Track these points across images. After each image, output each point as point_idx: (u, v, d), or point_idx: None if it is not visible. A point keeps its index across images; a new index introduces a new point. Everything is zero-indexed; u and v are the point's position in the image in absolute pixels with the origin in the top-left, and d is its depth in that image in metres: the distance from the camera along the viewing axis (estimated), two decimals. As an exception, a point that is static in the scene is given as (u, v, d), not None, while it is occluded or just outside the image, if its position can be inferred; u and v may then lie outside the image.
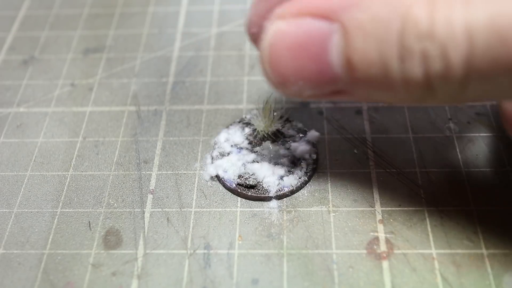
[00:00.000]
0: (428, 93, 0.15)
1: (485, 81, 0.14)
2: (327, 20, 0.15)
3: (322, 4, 0.15)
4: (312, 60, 0.15)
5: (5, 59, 0.32)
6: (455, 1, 0.13)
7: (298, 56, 0.16)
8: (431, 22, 0.14)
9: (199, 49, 0.32)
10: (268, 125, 0.25)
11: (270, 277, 0.21)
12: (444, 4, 0.14)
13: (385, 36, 0.14)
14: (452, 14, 0.13)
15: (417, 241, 0.22)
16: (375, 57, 0.14)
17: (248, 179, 0.24)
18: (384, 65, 0.15)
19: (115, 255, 0.22)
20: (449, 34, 0.13)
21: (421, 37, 0.14)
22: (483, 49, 0.13)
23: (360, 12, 0.14)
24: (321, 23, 0.15)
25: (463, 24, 0.13)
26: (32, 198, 0.25)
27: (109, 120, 0.28)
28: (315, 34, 0.15)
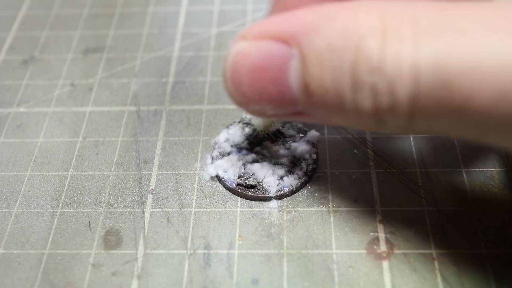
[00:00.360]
0: (378, 124, 0.15)
1: (431, 119, 0.14)
2: (287, 45, 0.15)
3: (282, 28, 0.15)
4: (272, 82, 0.16)
5: (5, 59, 0.32)
6: (406, 36, 0.14)
7: (258, 78, 0.16)
8: (381, 57, 0.14)
9: (199, 49, 0.32)
10: (268, 125, 0.25)
11: (270, 277, 0.21)
12: (395, 38, 0.14)
13: (339, 65, 0.14)
14: (401, 50, 0.13)
15: (417, 241, 0.22)
16: (330, 85, 0.15)
17: (248, 179, 0.24)
18: (338, 94, 0.15)
19: (115, 255, 0.22)
20: (397, 71, 0.14)
21: (371, 71, 0.14)
22: (427, 90, 0.13)
23: (317, 38, 0.15)
24: (281, 47, 0.15)
25: (410, 62, 0.13)
26: (32, 198, 0.25)
27: (109, 120, 0.28)
28: (275, 58, 0.15)
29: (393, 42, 0.14)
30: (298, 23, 0.15)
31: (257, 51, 0.16)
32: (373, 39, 0.14)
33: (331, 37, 0.14)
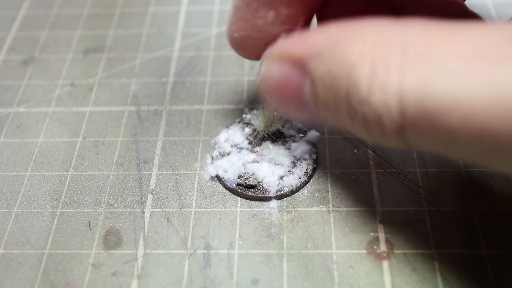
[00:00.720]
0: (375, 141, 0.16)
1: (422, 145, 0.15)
2: (301, 67, 0.17)
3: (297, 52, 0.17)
4: (293, 98, 0.18)
5: (5, 59, 0.32)
6: (393, 65, 0.14)
7: (282, 93, 0.18)
8: (369, 88, 0.14)
9: (199, 49, 0.32)
10: (268, 125, 0.25)
11: (270, 277, 0.21)
12: (383, 68, 0.14)
13: (338, 91, 0.15)
14: (388, 82, 0.14)
15: (417, 241, 0.22)
16: (332, 107, 0.16)
17: (248, 179, 0.24)
18: (339, 117, 0.16)
19: (115, 255, 0.22)
20: (383, 103, 0.14)
21: (360, 102, 0.15)
22: (413, 121, 0.14)
23: (320, 64, 0.16)
24: (296, 71, 0.17)
25: (397, 95, 0.14)
26: (32, 198, 0.25)
27: (109, 120, 0.28)
28: (293, 79, 0.17)
29: (381, 73, 0.14)
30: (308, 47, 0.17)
31: (279, 73, 0.18)
32: (363, 69, 0.14)
33: (330, 65, 0.15)
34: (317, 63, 0.16)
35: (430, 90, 0.13)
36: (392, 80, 0.14)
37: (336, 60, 0.15)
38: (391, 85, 0.14)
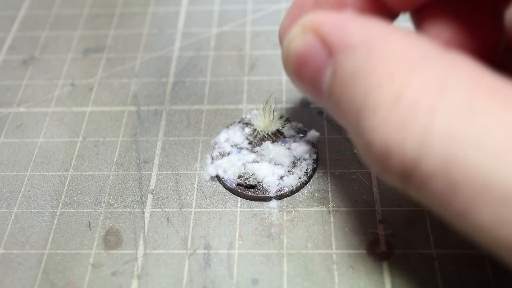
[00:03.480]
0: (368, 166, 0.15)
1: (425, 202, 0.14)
2: (328, 51, 0.15)
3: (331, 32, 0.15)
4: (310, 75, 0.16)
5: (5, 59, 0.32)
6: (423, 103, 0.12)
7: (300, 66, 0.17)
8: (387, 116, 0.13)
9: (199, 49, 0.32)
10: (268, 125, 0.25)
11: (270, 277, 0.21)
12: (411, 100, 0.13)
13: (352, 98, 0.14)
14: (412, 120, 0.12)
15: (417, 241, 0.22)
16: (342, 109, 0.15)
17: (248, 179, 0.24)
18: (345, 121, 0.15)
19: (115, 255, 0.22)
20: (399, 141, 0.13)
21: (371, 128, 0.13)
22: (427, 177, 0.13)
23: (348, 61, 0.14)
24: (323, 52, 0.16)
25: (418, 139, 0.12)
26: (32, 198, 0.25)
27: (109, 120, 0.28)
28: (316, 58, 0.16)
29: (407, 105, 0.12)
30: (342, 35, 0.15)
31: (304, 45, 0.16)
32: (387, 92, 0.13)
33: (356, 69, 0.14)
34: (344, 58, 0.15)
35: (462, 153, 0.12)
36: (417, 121, 0.12)
37: (364, 69, 0.14)
38: (415, 126, 0.12)
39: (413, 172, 0.13)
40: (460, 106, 0.12)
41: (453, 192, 0.12)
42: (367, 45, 0.14)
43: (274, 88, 0.29)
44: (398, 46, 0.14)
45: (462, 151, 0.12)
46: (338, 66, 0.15)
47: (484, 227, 0.12)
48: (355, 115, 0.14)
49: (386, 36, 0.14)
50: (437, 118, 0.12)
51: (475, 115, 0.12)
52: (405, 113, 0.13)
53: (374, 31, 0.14)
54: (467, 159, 0.12)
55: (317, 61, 0.16)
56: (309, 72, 0.16)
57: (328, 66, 0.15)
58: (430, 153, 0.12)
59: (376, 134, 0.13)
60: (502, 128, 0.12)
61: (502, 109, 0.12)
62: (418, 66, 0.13)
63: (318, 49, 0.16)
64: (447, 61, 0.13)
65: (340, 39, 0.15)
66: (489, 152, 0.11)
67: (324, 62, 0.16)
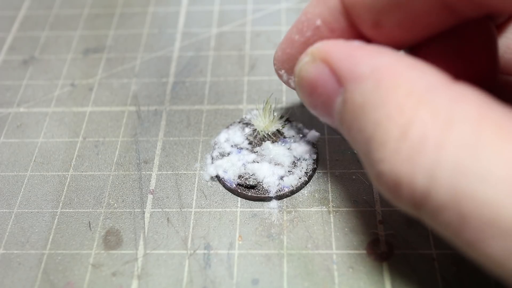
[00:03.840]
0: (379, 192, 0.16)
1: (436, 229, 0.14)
2: (338, 80, 0.16)
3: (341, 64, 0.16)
4: (321, 101, 0.17)
5: (5, 59, 0.32)
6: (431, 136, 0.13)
7: (312, 93, 0.17)
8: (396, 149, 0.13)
9: (199, 49, 0.32)
10: (268, 125, 0.25)
11: (270, 277, 0.21)
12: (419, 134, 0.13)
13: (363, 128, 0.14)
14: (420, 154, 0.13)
15: (417, 241, 0.22)
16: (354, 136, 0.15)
17: (248, 179, 0.24)
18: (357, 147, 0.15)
19: (115, 255, 0.22)
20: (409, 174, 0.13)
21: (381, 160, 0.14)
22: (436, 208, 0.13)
23: (357, 91, 0.15)
24: (333, 81, 0.16)
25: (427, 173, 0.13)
26: (32, 198, 0.25)
27: (109, 120, 0.28)
28: (328, 86, 0.16)
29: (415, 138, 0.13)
30: (352, 66, 0.15)
31: (316, 74, 0.17)
32: (395, 126, 0.13)
33: (366, 100, 0.14)
34: (354, 88, 0.15)
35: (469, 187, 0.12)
36: (425, 155, 0.12)
37: (373, 101, 0.14)
38: (423, 159, 0.12)
39: (424, 203, 0.13)
40: (467, 140, 0.12)
41: (462, 223, 0.12)
42: (375, 76, 0.14)
43: (274, 88, 0.29)
44: (405, 77, 0.14)
45: (470, 185, 0.12)
46: (348, 96, 0.15)
47: (494, 258, 0.12)
48: (365, 145, 0.14)
49: (393, 66, 0.14)
50: (445, 152, 0.12)
51: (482, 149, 0.12)
52: (413, 146, 0.13)
53: (381, 60, 0.15)
54: (475, 193, 0.12)
55: (327, 89, 0.16)
56: (321, 98, 0.17)
57: (338, 94, 0.16)
58: (439, 186, 0.12)
59: (385, 165, 0.13)
60: (508, 163, 0.12)
61: (508, 143, 0.12)
62: (425, 99, 0.13)
63: (328, 78, 0.16)
64: (453, 93, 0.13)
65: (349, 69, 0.15)
66: (495, 186, 0.12)
67: (335, 90, 0.16)
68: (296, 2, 0.35)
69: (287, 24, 0.33)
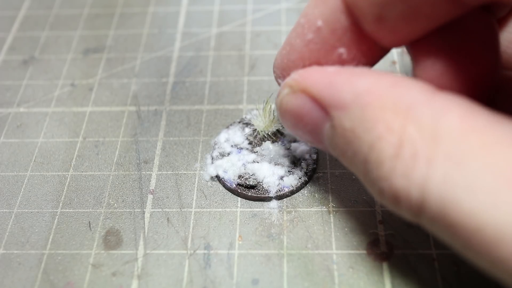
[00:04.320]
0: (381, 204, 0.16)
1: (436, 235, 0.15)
2: (322, 109, 0.16)
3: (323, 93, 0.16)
4: (309, 130, 0.17)
5: (5, 59, 0.32)
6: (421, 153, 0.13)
7: (298, 124, 0.18)
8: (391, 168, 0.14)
9: (199, 49, 0.32)
10: (268, 125, 0.25)
11: (270, 277, 0.21)
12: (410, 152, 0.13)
13: (357, 151, 0.15)
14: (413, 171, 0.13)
15: (417, 241, 0.22)
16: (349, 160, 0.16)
17: (248, 179, 0.24)
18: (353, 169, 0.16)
19: (115, 255, 0.22)
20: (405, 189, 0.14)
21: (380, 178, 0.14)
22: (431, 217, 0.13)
23: (345, 118, 0.15)
24: (316, 109, 0.16)
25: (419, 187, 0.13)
26: (32, 198, 0.25)
27: (109, 120, 0.28)
28: (311, 114, 0.17)
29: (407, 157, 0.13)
30: (334, 94, 0.16)
31: (298, 105, 0.17)
32: (388, 146, 0.14)
33: (355, 126, 0.15)
34: (341, 115, 0.15)
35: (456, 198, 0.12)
36: (417, 170, 0.13)
37: (362, 125, 0.14)
38: (416, 174, 0.13)
39: (421, 213, 0.14)
40: (453, 154, 0.13)
41: (453, 233, 0.13)
42: (359, 102, 0.15)
43: (274, 88, 0.29)
44: (388, 97, 0.14)
45: (456, 196, 0.13)
46: (337, 122, 0.16)
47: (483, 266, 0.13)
48: (363, 165, 0.15)
49: (374, 88, 0.15)
50: (434, 166, 0.13)
51: (466, 161, 0.13)
52: (407, 163, 0.13)
53: (361, 84, 0.15)
54: (461, 204, 0.12)
55: (313, 118, 0.17)
56: (307, 127, 0.17)
57: (326, 122, 0.16)
58: (430, 199, 0.13)
59: (384, 183, 0.14)
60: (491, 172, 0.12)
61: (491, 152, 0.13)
62: (411, 115, 0.14)
63: (312, 108, 0.17)
64: (437, 104, 0.14)
65: (331, 98, 0.16)
66: (480, 197, 0.12)
67: (321, 119, 0.16)
68: (296, 2, 0.35)
69: (287, 24, 0.33)
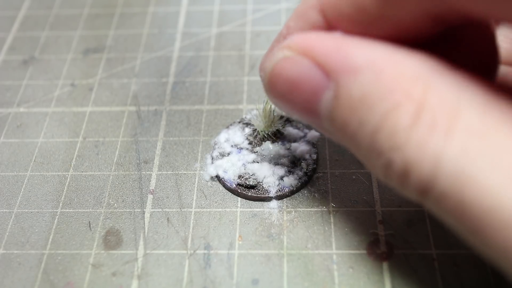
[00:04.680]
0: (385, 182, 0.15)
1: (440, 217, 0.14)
2: (325, 74, 0.15)
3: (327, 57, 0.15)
4: (303, 100, 0.16)
5: (5, 59, 0.32)
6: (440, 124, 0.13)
7: (291, 91, 0.16)
8: (406, 137, 0.13)
9: (199, 49, 0.32)
10: (268, 125, 0.25)
11: (270, 277, 0.21)
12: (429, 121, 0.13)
13: (365, 121, 0.14)
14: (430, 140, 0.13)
15: (417, 241, 0.22)
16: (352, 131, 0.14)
17: (248, 179, 0.24)
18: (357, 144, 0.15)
19: (115, 255, 0.22)
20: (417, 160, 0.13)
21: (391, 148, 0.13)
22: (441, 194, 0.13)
23: (354, 85, 0.14)
24: (320, 74, 0.15)
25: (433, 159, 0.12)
26: (32, 198, 0.25)
27: (109, 120, 0.28)
28: (312, 81, 0.15)
29: (425, 126, 0.13)
30: (343, 58, 0.14)
31: (298, 68, 0.15)
32: (406, 113, 0.13)
33: (367, 91, 0.14)
34: (349, 81, 0.14)
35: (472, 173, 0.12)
36: (434, 141, 0.12)
37: (376, 91, 0.13)
38: (432, 145, 0.12)
39: (429, 189, 0.13)
40: (474, 126, 0.12)
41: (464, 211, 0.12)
42: (373, 67, 0.14)
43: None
44: (407, 65, 0.14)
45: (474, 171, 0.12)
46: (342, 90, 0.14)
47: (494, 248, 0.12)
48: (370, 137, 0.14)
49: (391, 56, 0.14)
50: (452, 137, 0.12)
51: (488, 136, 0.12)
52: (423, 133, 0.13)
53: (376, 51, 0.14)
54: (478, 179, 0.12)
55: (312, 85, 0.15)
56: (302, 96, 0.16)
57: (326, 90, 0.15)
58: (443, 174, 0.12)
59: (397, 154, 0.13)
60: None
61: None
62: (432, 84, 0.13)
63: (312, 74, 0.15)
64: (458, 78, 0.13)
65: (340, 62, 0.14)
66: (498, 174, 0.12)
67: (321, 86, 0.15)
68: (296, 2, 0.35)
69: (287, 24, 0.33)
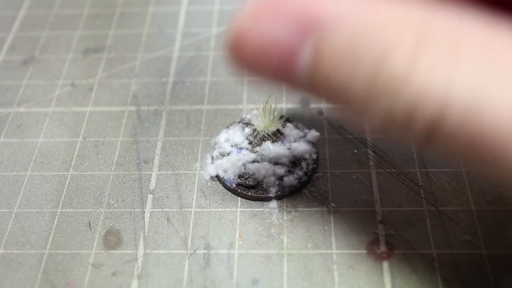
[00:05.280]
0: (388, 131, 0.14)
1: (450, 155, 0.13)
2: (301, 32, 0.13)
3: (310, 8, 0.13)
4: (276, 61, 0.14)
5: (5, 59, 0.32)
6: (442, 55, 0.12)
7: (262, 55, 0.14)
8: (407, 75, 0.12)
9: (199, 49, 0.32)
10: (268, 125, 0.25)
11: (270, 277, 0.21)
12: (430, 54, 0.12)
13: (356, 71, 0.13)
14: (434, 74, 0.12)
15: (417, 241, 0.22)
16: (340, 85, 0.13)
17: (248, 179, 0.24)
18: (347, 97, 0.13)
19: (115, 255, 0.22)
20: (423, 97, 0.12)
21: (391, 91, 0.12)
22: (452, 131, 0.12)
23: (338, 36, 0.13)
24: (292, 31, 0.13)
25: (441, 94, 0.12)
26: (32, 198, 0.25)
27: (109, 120, 0.28)
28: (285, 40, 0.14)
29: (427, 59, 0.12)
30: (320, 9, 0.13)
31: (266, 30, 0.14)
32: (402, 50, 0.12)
33: (354, 40, 0.13)
34: (331, 35, 0.13)
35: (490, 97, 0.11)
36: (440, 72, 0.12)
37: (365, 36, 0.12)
38: (438, 77, 0.12)
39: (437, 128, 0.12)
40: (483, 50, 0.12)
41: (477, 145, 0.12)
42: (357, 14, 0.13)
43: (274, 88, 0.29)
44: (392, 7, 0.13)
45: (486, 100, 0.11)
46: (323, 46, 0.13)
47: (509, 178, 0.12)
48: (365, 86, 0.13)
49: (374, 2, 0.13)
50: (460, 65, 0.12)
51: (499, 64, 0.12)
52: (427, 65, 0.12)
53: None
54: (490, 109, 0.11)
55: (286, 44, 0.14)
56: (276, 57, 0.14)
57: (303, 45, 0.13)
58: (454, 105, 0.12)
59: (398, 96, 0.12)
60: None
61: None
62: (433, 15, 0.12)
63: (286, 30, 0.13)
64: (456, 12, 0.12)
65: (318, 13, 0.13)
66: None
67: (297, 43, 0.13)
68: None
69: (287, 24, 0.33)
